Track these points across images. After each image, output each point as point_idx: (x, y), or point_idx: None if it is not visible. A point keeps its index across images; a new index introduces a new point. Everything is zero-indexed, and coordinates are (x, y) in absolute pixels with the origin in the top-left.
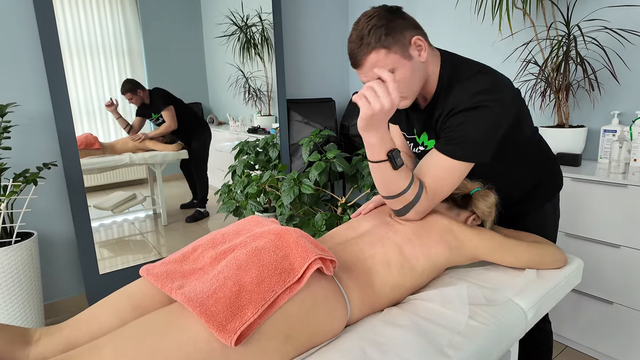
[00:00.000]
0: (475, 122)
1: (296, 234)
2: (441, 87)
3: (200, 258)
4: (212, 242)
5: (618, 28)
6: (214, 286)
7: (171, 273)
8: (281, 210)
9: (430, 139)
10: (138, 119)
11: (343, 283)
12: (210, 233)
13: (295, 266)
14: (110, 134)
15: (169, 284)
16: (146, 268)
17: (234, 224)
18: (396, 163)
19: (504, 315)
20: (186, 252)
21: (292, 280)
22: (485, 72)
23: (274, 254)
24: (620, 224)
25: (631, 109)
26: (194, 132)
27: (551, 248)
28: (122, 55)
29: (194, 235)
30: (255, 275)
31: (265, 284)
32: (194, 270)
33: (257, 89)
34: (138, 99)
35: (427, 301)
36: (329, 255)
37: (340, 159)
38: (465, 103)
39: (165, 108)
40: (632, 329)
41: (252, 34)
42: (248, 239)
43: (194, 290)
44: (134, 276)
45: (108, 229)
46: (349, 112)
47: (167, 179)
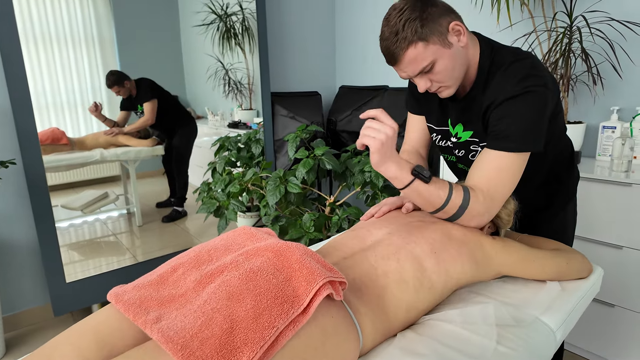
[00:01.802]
0: (523, 109)
1: (299, 251)
2: (481, 75)
3: (182, 281)
4: (196, 260)
5: (622, 19)
6: (199, 321)
7: (146, 300)
8: (266, 211)
9: (466, 130)
10: (122, 113)
11: (353, 308)
12: (194, 248)
13: (300, 292)
14: (79, 129)
15: (143, 315)
16: (115, 293)
17: (221, 236)
18: (425, 176)
19: (533, 337)
20: (164, 272)
21: (296, 311)
22: (523, 57)
23: (273, 277)
24: (623, 224)
25: (631, 104)
26: (179, 126)
27: (576, 256)
28: (92, 44)
29: (171, 237)
30: (251, 306)
31: (264, 318)
32: (173, 296)
33: (237, 81)
34: (125, 91)
35: (446, 322)
36: (339, 277)
37: (329, 156)
38: (509, 92)
39: (148, 100)
40: (635, 333)
41: (232, 24)
42: (241, 257)
43: (175, 325)
44: (104, 285)
45: (78, 230)
46: (336, 107)
47: (141, 176)
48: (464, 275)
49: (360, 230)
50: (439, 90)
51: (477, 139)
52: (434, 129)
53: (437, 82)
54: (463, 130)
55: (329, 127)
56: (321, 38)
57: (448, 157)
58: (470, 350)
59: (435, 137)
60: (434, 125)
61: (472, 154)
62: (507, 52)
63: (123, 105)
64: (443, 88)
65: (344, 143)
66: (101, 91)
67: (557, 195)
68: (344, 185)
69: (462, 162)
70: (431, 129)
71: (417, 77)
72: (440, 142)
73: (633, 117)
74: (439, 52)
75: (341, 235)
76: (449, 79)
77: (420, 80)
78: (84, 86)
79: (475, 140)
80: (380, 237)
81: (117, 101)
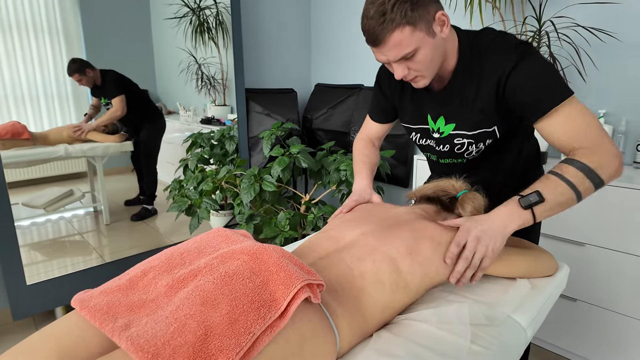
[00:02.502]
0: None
1: (276, 254)
2: (464, 61)
3: (152, 285)
4: (167, 264)
5: (587, 26)
6: (171, 327)
7: (114, 306)
8: (240, 209)
9: (448, 123)
10: (96, 100)
11: (330, 310)
12: (165, 251)
13: (277, 296)
14: (42, 122)
15: (111, 322)
16: (80, 299)
17: (194, 238)
18: (534, 201)
19: (506, 336)
20: (134, 276)
21: (273, 316)
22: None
23: (249, 281)
24: (585, 223)
25: (594, 108)
26: (146, 121)
27: (543, 255)
28: (56, 34)
29: (140, 236)
30: (227, 311)
31: (240, 324)
32: (143, 302)
33: (211, 76)
34: (88, 80)
35: (421, 322)
36: (317, 279)
37: (304, 154)
38: (509, 62)
39: (116, 96)
40: (595, 326)
41: (205, 17)
42: (215, 260)
43: (145, 332)
44: (69, 287)
45: (41, 229)
46: (311, 104)
47: (109, 173)
48: (438, 274)
49: (332, 231)
50: (415, 79)
51: (460, 131)
52: (412, 128)
53: (415, 70)
54: (445, 124)
55: (304, 125)
56: (296, 34)
57: (430, 155)
58: (445, 350)
59: (414, 137)
60: (411, 125)
61: (457, 147)
62: (482, 35)
63: (93, 93)
64: (420, 78)
65: (320, 141)
66: (66, 84)
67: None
68: (319, 183)
69: (447, 157)
70: (409, 129)
71: (396, 62)
72: (420, 140)
73: None
74: (424, 40)
75: (315, 236)
76: (426, 69)
77: (399, 67)
78: (47, 78)
79: (459, 133)
80: (354, 238)
81: (83, 95)
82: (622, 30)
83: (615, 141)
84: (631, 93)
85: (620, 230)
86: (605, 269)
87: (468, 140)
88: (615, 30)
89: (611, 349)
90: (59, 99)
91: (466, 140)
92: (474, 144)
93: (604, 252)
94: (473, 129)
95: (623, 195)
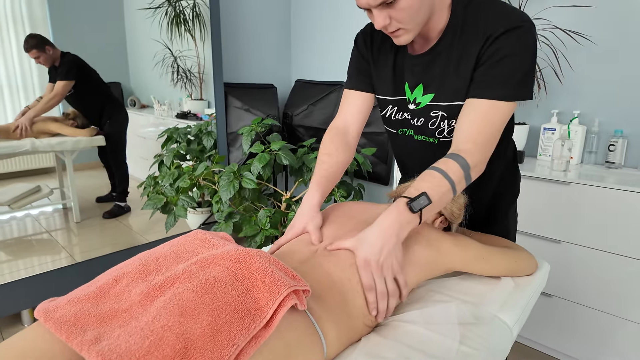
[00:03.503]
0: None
1: (260, 259)
2: (456, 20)
3: (125, 294)
4: (141, 270)
5: (564, 28)
6: (147, 341)
7: (82, 317)
8: (219, 207)
9: (426, 93)
10: (50, 86)
11: (316, 315)
12: (139, 256)
13: (262, 304)
14: (6, 115)
15: (79, 335)
16: (44, 309)
17: (171, 242)
18: (425, 204)
19: (493, 335)
20: (104, 284)
21: (258, 325)
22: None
23: (232, 288)
24: (561, 220)
25: (569, 108)
26: (106, 114)
27: (523, 254)
28: (20, 22)
29: (112, 234)
30: (208, 322)
31: (223, 335)
32: (115, 312)
33: (187, 69)
34: (47, 59)
35: (409, 323)
36: (303, 285)
37: (285, 151)
38: (506, 24)
39: (64, 79)
40: (570, 320)
41: (182, 9)
42: (194, 266)
43: (117, 346)
44: (37, 289)
45: (5, 226)
46: (292, 101)
47: (79, 168)
48: (420, 274)
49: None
50: (397, 32)
51: (437, 102)
52: (389, 100)
53: (397, 21)
54: (423, 95)
55: (284, 121)
56: (276, 29)
57: (406, 131)
58: (434, 351)
59: (390, 112)
60: (389, 96)
61: (432, 121)
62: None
63: (50, 75)
64: (402, 31)
65: (300, 138)
66: (32, 75)
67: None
68: (300, 180)
69: (420, 132)
70: (385, 102)
71: (377, 8)
72: (396, 115)
73: (570, 120)
74: None
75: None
76: (410, 20)
77: (380, 14)
78: (11, 69)
79: (436, 105)
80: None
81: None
82: (597, 34)
83: (588, 141)
84: (604, 95)
85: (594, 228)
86: (579, 266)
87: (442, 113)
88: (590, 33)
89: (584, 342)
90: (24, 90)
91: (440, 113)
92: (447, 118)
93: (578, 249)
94: (449, 99)
95: (596, 194)
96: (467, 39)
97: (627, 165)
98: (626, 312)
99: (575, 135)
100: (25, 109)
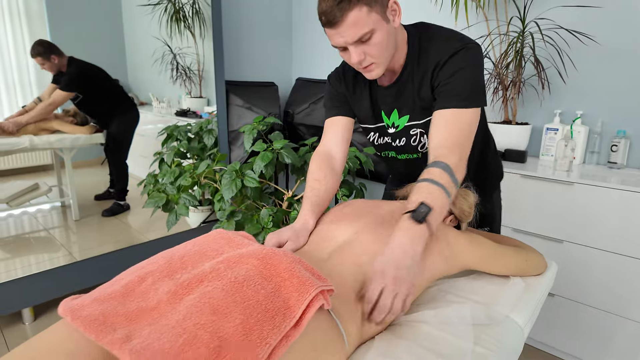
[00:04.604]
0: (466, 64)
1: (287, 259)
2: (413, 52)
3: (152, 292)
4: (167, 268)
5: (569, 29)
6: (180, 339)
7: (110, 315)
8: (220, 206)
9: (402, 116)
10: (51, 87)
11: (338, 315)
12: (162, 254)
13: (291, 304)
14: (2, 111)
15: (109, 333)
16: (70, 308)
17: (193, 241)
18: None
19: (506, 336)
20: (130, 282)
21: (288, 324)
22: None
23: (261, 287)
24: (564, 220)
25: (572, 108)
26: (117, 113)
27: (534, 254)
28: (17, 16)
29: (112, 232)
30: (240, 321)
31: (255, 334)
32: (143, 310)
33: (186, 67)
34: (52, 67)
35: (423, 323)
36: (328, 285)
37: (288, 149)
38: (449, 50)
39: (65, 90)
40: (573, 320)
41: (181, 6)
42: (221, 265)
43: (150, 345)
44: (38, 287)
45: (2, 223)
46: (293, 99)
47: (77, 166)
48: (435, 272)
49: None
50: (370, 67)
51: (414, 121)
52: (371, 127)
53: (370, 56)
54: (399, 118)
55: (285, 120)
56: (277, 26)
57: (389, 153)
58: (448, 351)
59: (372, 137)
60: (370, 124)
61: (413, 138)
62: (432, 26)
63: (54, 79)
64: (374, 66)
65: (301, 136)
66: (29, 70)
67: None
68: (302, 179)
69: (404, 151)
70: (367, 130)
71: (352, 45)
72: (379, 140)
73: (573, 120)
74: (379, 24)
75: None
76: (381, 55)
77: (355, 51)
78: (7, 64)
79: (414, 124)
80: (348, 238)
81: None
82: (602, 34)
83: (590, 141)
84: (607, 95)
85: (596, 228)
86: (582, 266)
87: (420, 130)
88: (595, 33)
89: (587, 342)
90: (21, 85)
91: (418, 130)
92: (425, 133)
93: (581, 248)
94: (422, 116)
95: (598, 194)
96: (423, 68)
97: (629, 166)
98: (629, 312)
99: (578, 135)
100: (21, 110)
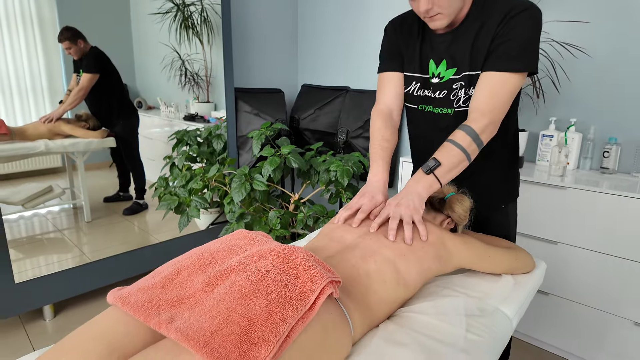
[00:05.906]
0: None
1: (302, 254)
2: (477, 5)
3: (188, 283)
4: (200, 263)
5: (561, 42)
6: (216, 320)
7: (154, 302)
8: (230, 208)
9: (449, 68)
10: (75, 76)
11: (344, 304)
12: (193, 251)
13: (306, 291)
14: (15, 117)
15: (155, 316)
16: (120, 296)
17: (219, 240)
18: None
19: (495, 325)
20: (168, 275)
21: (304, 308)
22: None
23: (280, 278)
24: (558, 223)
25: (566, 116)
26: (118, 116)
27: (523, 254)
28: (30, 24)
29: (124, 232)
30: (265, 305)
31: (277, 315)
32: (182, 298)
33: (194, 73)
34: (78, 51)
35: (422, 314)
36: (336, 276)
37: (295, 154)
38: (517, 8)
39: (89, 72)
40: (565, 317)
41: (190, 13)
42: (246, 260)
43: (191, 324)
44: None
45: (13, 226)
46: (298, 105)
47: (88, 168)
48: (430, 271)
49: (333, 233)
50: (435, 17)
51: (459, 74)
52: (415, 77)
53: (438, 6)
54: (446, 69)
55: (291, 125)
56: (284, 35)
57: (425, 107)
58: (444, 338)
59: (413, 88)
60: (415, 73)
61: (453, 92)
62: None
63: (75, 66)
64: (440, 16)
65: (307, 141)
66: (41, 76)
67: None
68: (308, 183)
69: (440, 105)
70: (410, 79)
71: None
72: (419, 91)
73: (567, 127)
74: None
75: (317, 238)
76: (449, 6)
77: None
78: (20, 71)
79: (458, 78)
80: (353, 240)
81: (58, 89)
82: (592, 47)
83: (584, 148)
84: (599, 104)
85: (589, 230)
86: (575, 266)
87: (461, 82)
88: (586, 46)
89: (579, 338)
90: (34, 93)
91: (460, 83)
92: (465, 87)
93: (574, 250)
94: (468, 68)
95: (591, 198)
96: (485, 18)
97: (620, 171)
98: (618, 309)
99: (572, 142)
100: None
